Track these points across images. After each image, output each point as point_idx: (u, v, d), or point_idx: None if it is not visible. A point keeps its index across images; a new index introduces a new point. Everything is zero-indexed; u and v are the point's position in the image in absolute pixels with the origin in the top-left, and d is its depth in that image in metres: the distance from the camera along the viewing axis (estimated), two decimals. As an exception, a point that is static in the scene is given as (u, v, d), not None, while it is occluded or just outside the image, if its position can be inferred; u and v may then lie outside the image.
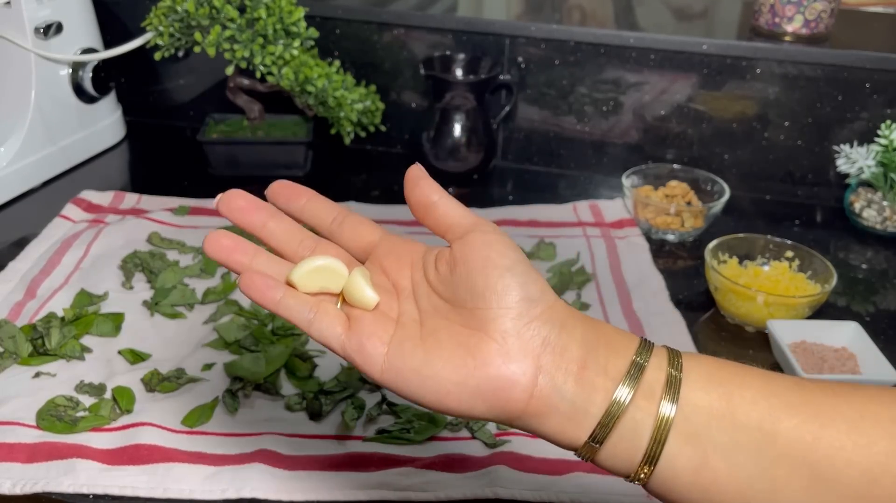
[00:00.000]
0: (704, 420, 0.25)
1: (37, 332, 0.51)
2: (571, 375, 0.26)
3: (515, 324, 0.25)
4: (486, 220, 0.28)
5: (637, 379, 0.25)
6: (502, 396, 0.25)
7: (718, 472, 0.25)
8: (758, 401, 0.25)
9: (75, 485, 0.41)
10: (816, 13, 0.72)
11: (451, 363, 0.26)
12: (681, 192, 0.70)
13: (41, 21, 0.72)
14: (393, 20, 0.79)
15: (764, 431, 0.24)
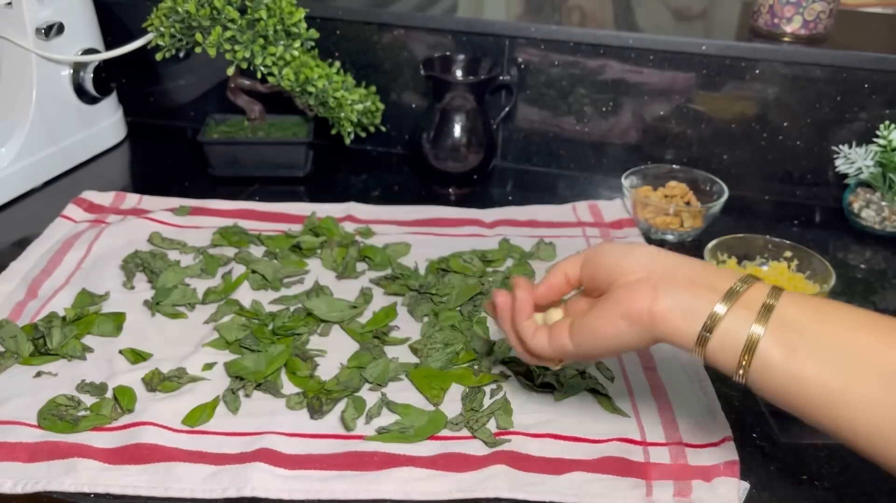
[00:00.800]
0: (793, 327, 0.32)
1: (38, 332, 0.52)
2: (683, 289, 0.34)
3: (633, 276, 0.36)
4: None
5: (739, 293, 0.33)
6: (634, 310, 0.34)
7: (805, 366, 0.31)
8: (839, 320, 0.32)
9: (77, 485, 0.41)
10: (815, 14, 0.73)
11: (599, 312, 0.36)
12: (680, 193, 0.71)
13: (42, 22, 0.72)
14: (393, 21, 0.79)
15: (845, 339, 0.32)
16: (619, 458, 0.44)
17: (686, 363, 0.52)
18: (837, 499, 0.43)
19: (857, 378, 0.31)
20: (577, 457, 0.44)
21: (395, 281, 0.60)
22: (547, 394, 0.49)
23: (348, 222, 0.69)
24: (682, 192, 0.70)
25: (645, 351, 0.53)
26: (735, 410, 0.49)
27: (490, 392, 0.49)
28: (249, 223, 0.68)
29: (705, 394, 0.49)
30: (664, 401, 0.48)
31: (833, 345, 0.31)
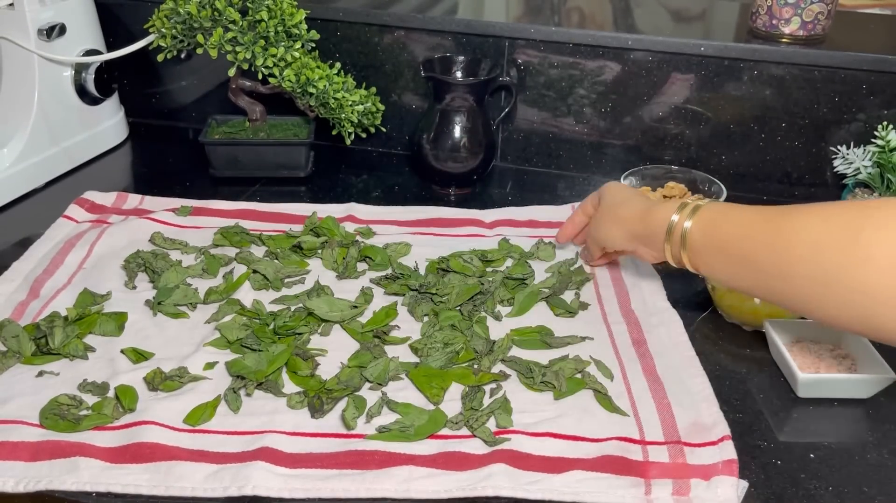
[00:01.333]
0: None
1: (40, 332, 0.52)
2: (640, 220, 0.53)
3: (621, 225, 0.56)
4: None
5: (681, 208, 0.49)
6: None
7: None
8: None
9: (78, 484, 0.41)
10: (813, 15, 0.73)
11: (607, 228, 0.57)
12: (679, 193, 0.71)
13: (44, 23, 0.73)
14: (393, 22, 0.79)
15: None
16: (618, 457, 0.44)
17: (685, 363, 0.52)
18: (836, 498, 0.43)
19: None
20: (576, 456, 0.44)
21: (395, 281, 0.60)
22: (546, 392, 0.49)
23: (349, 222, 0.69)
24: (680, 192, 0.71)
25: (644, 351, 0.54)
26: (733, 409, 0.49)
27: (490, 391, 0.49)
28: (250, 223, 0.68)
29: (704, 393, 0.49)
30: (663, 401, 0.49)
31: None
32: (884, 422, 0.48)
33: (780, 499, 0.43)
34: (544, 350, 0.53)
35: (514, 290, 0.60)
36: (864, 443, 0.47)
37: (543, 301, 0.59)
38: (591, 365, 0.52)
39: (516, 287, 0.60)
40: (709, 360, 0.53)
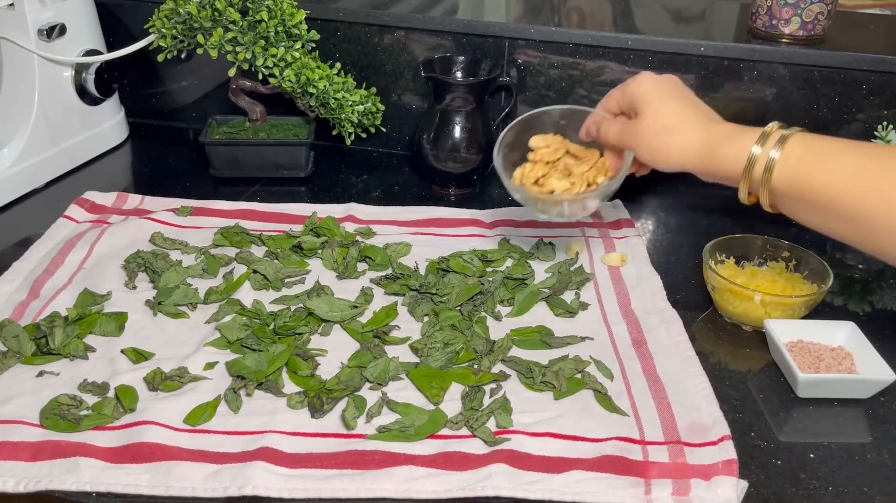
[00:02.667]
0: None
1: (40, 332, 0.52)
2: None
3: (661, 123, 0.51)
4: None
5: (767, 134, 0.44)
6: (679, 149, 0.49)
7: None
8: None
9: (78, 484, 0.41)
10: (813, 15, 0.73)
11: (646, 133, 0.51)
12: (551, 151, 0.57)
13: (44, 23, 0.73)
14: (393, 23, 0.79)
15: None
16: (618, 457, 0.44)
17: (685, 363, 0.52)
18: (835, 498, 0.43)
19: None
20: (576, 456, 0.44)
21: (395, 281, 0.60)
22: (546, 392, 0.49)
23: (349, 222, 0.69)
24: (552, 150, 0.57)
25: (644, 351, 0.54)
26: (733, 409, 0.49)
27: (490, 391, 0.49)
28: (251, 223, 0.68)
29: (704, 393, 0.49)
30: (663, 401, 0.49)
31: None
32: (884, 423, 0.48)
33: (779, 499, 0.43)
34: (544, 350, 0.53)
35: (514, 290, 0.60)
36: (864, 444, 0.47)
37: (543, 301, 0.59)
38: (591, 365, 0.52)
39: (516, 287, 0.60)
40: (709, 360, 0.53)
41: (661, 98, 0.48)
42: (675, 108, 0.47)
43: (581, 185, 0.54)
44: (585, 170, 0.55)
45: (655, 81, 0.49)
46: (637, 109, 0.49)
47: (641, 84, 0.49)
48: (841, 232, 0.41)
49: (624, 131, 0.50)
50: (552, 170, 0.56)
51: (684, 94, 0.49)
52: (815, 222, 0.42)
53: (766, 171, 0.42)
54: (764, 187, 0.43)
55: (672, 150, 0.47)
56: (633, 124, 0.49)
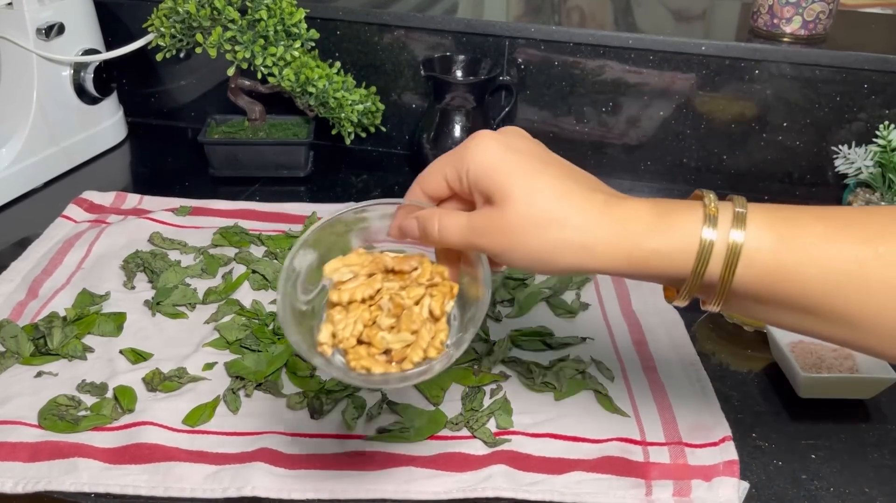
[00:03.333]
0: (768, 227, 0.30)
1: (39, 332, 0.52)
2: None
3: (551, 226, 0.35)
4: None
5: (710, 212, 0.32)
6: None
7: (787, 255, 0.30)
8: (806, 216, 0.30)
9: (77, 484, 0.41)
10: (815, 14, 0.73)
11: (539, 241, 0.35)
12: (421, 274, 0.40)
13: (43, 22, 0.72)
14: (393, 22, 0.79)
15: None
16: (619, 458, 0.44)
17: (686, 363, 0.52)
18: (837, 499, 0.43)
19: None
20: (576, 457, 0.44)
21: (395, 281, 0.60)
22: (547, 393, 0.49)
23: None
24: (429, 275, 0.37)
25: (645, 351, 0.53)
26: (735, 410, 0.49)
27: (490, 392, 0.49)
28: (250, 223, 0.68)
29: (705, 393, 0.49)
30: (664, 401, 0.48)
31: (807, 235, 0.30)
32: (885, 423, 0.48)
33: (781, 499, 0.43)
34: (545, 351, 0.53)
35: (515, 291, 0.59)
36: (866, 444, 0.47)
37: (544, 301, 0.59)
38: (592, 365, 0.51)
39: (516, 287, 0.60)
40: (710, 361, 0.53)
41: (525, 174, 0.32)
42: (551, 186, 0.32)
43: (429, 332, 0.34)
44: (420, 294, 0.35)
45: (506, 149, 0.33)
46: (489, 195, 0.32)
47: (486, 155, 0.33)
48: (820, 332, 0.31)
49: (475, 229, 0.33)
50: (375, 311, 0.35)
51: (548, 157, 0.33)
52: (783, 322, 0.32)
53: (727, 268, 0.30)
54: (720, 289, 0.30)
55: (564, 250, 0.31)
56: (490, 217, 0.32)
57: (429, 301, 0.35)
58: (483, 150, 0.33)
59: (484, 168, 0.33)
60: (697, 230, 0.30)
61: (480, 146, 0.33)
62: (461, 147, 0.34)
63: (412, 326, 0.34)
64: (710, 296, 0.31)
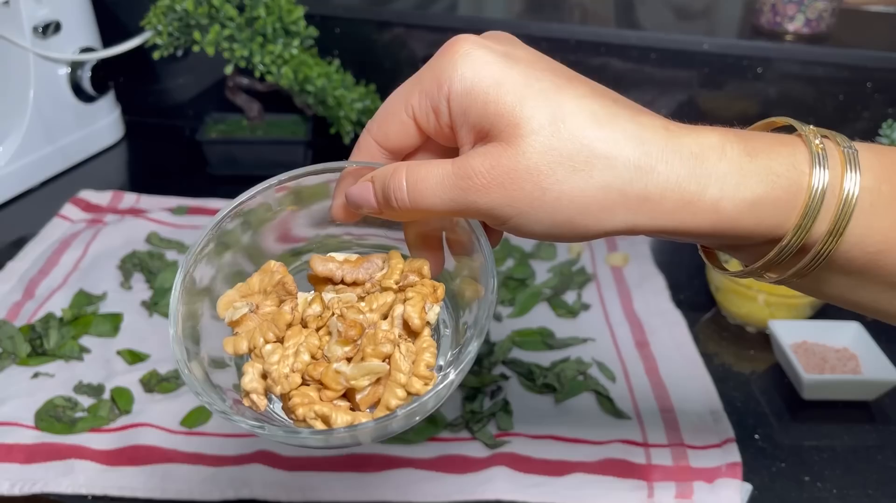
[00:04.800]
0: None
1: (35, 333, 0.51)
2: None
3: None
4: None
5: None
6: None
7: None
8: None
9: (74, 486, 0.41)
10: (818, 12, 0.72)
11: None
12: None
13: (40, 20, 0.72)
14: (393, 19, 0.78)
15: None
16: (621, 460, 0.43)
17: (688, 364, 0.52)
18: (840, 501, 0.42)
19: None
20: (577, 459, 0.43)
21: (394, 281, 0.59)
22: (547, 395, 0.49)
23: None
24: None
25: (647, 352, 0.53)
26: (737, 411, 0.48)
27: (490, 393, 0.49)
28: (248, 222, 0.68)
29: (707, 395, 0.49)
30: (666, 403, 0.48)
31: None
32: (889, 424, 0.48)
33: (784, 501, 0.42)
34: (545, 351, 0.53)
35: (515, 291, 0.59)
36: (870, 446, 0.46)
37: (545, 302, 0.58)
38: (593, 366, 0.51)
39: (517, 288, 0.59)
40: (712, 362, 0.53)
41: (542, 92, 0.22)
42: (585, 107, 0.22)
43: (406, 356, 0.24)
44: (387, 303, 0.25)
45: (504, 57, 0.23)
46: (487, 127, 0.22)
47: (477, 68, 0.22)
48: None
49: (468, 180, 0.22)
50: (325, 337, 0.25)
51: (564, 69, 0.24)
52: (875, 301, 0.24)
53: (836, 226, 0.22)
54: (818, 254, 0.22)
55: (615, 203, 0.22)
56: (493, 159, 0.22)
57: (401, 310, 0.24)
58: (471, 61, 0.22)
59: (477, 88, 0.22)
60: (804, 176, 0.22)
61: (466, 57, 0.22)
62: (432, 63, 0.23)
63: (381, 349, 0.23)
64: (792, 265, 0.23)
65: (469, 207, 0.23)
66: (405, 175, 0.23)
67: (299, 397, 0.24)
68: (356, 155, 0.26)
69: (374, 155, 0.25)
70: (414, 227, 0.27)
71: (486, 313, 0.24)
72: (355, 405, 0.24)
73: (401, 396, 0.23)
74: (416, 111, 0.24)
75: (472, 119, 0.22)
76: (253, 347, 0.25)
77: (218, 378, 0.25)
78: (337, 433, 0.22)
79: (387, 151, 0.25)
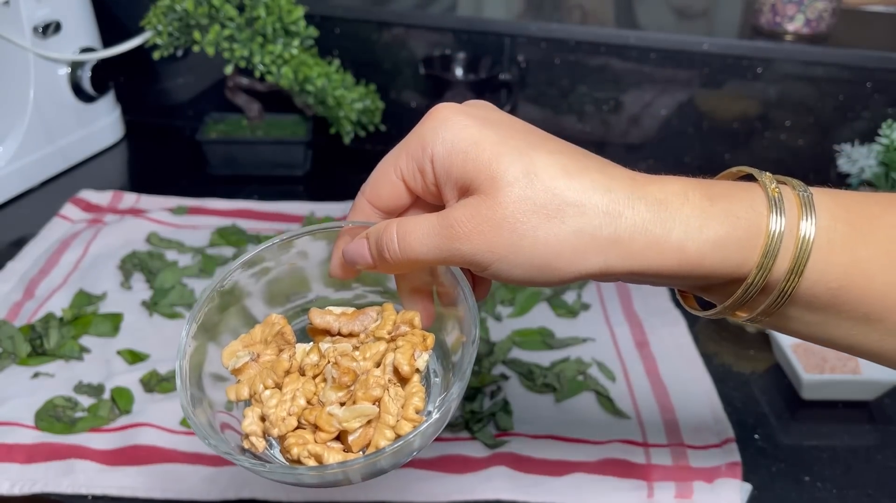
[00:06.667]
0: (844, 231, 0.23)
1: (35, 333, 0.51)
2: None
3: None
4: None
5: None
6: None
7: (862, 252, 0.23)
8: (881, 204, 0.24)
9: (74, 486, 0.41)
10: (817, 12, 0.72)
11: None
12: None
13: (40, 20, 0.72)
14: (393, 19, 0.78)
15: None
16: (620, 460, 0.43)
17: (688, 364, 0.52)
18: (840, 501, 0.42)
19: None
20: (577, 459, 0.43)
21: (394, 281, 0.59)
22: (547, 395, 0.49)
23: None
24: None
25: (647, 352, 0.53)
26: (737, 412, 0.48)
27: (490, 393, 0.49)
28: (248, 223, 0.68)
29: (707, 395, 0.49)
30: (666, 403, 0.48)
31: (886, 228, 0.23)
32: (889, 424, 0.48)
33: (783, 502, 0.42)
34: (545, 351, 0.53)
35: (515, 291, 0.59)
36: (869, 446, 0.46)
37: (545, 301, 0.58)
38: (593, 366, 0.51)
39: (517, 287, 0.60)
40: (712, 362, 0.53)
41: (517, 150, 0.24)
42: (556, 162, 0.24)
43: (396, 400, 0.25)
44: (379, 353, 0.26)
45: (481, 122, 0.25)
46: (468, 182, 0.24)
47: (456, 132, 0.25)
48: (882, 346, 0.25)
49: (452, 228, 0.24)
50: (321, 384, 0.27)
51: (536, 130, 0.26)
52: (835, 335, 0.25)
53: (795, 267, 0.23)
54: (780, 294, 0.24)
55: (587, 247, 0.23)
56: (473, 208, 0.24)
57: (392, 357, 0.26)
58: (451, 126, 0.25)
59: (457, 148, 0.24)
60: (762, 217, 0.23)
61: (446, 123, 0.25)
62: (416, 130, 0.25)
63: (372, 393, 0.25)
64: (759, 304, 0.24)
65: (454, 254, 0.24)
66: (395, 229, 0.26)
67: (295, 438, 0.25)
68: (352, 215, 0.28)
69: (369, 215, 0.28)
70: (406, 282, 0.29)
71: (469, 359, 0.25)
72: (348, 447, 0.26)
73: (390, 437, 0.25)
74: (404, 173, 0.26)
75: (454, 176, 0.25)
76: (253, 393, 0.27)
77: (219, 421, 0.27)
78: (329, 469, 0.24)
79: (380, 211, 0.27)
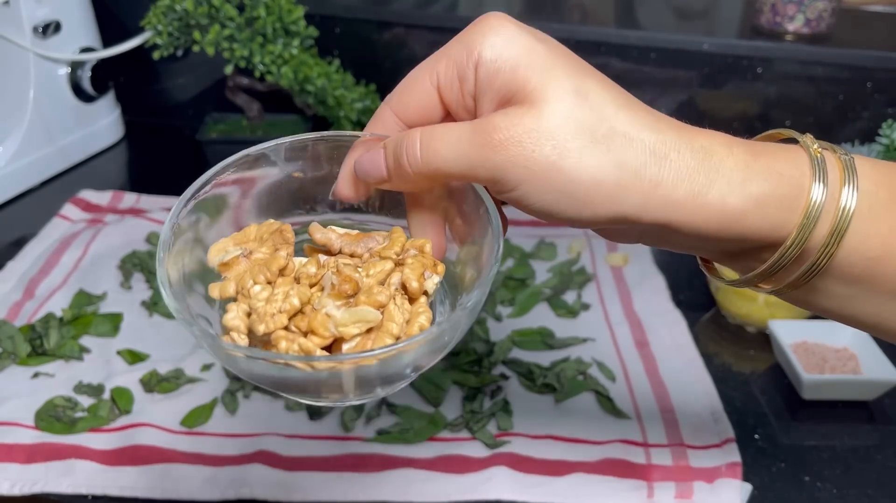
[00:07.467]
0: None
1: (35, 333, 0.51)
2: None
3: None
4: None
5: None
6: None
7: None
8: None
9: (74, 486, 0.41)
10: (818, 12, 0.72)
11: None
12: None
13: (40, 20, 0.72)
14: (393, 19, 0.78)
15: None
16: (621, 460, 0.43)
17: (688, 364, 0.52)
18: (840, 501, 0.42)
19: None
20: (577, 459, 0.43)
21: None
22: (547, 395, 0.49)
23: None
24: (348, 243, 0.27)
25: (647, 352, 0.53)
26: (737, 411, 0.48)
27: (490, 393, 0.49)
28: (248, 222, 0.68)
29: (707, 395, 0.49)
30: (666, 403, 0.48)
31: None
32: (889, 424, 0.48)
33: (784, 501, 0.42)
34: (545, 351, 0.53)
35: (515, 291, 0.59)
36: (869, 446, 0.46)
37: (545, 301, 0.58)
38: (593, 366, 0.51)
39: (517, 287, 0.59)
40: (712, 362, 0.53)
41: (569, 70, 0.22)
42: (607, 90, 0.23)
43: (401, 312, 0.23)
44: (385, 271, 0.24)
45: (533, 36, 0.23)
46: (512, 93, 0.22)
47: (507, 40, 0.23)
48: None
49: (487, 138, 0.22)
50: (312, 294, 0.24)
51: (584, 62, 0.24)
52: (866, 312, 0.24)
53: (835, 234, 0.22)
54: (816, 263, 0.23)
55: (629, 183, 0.22)
56: (515, 118, 0.22)
57: (398, 277, 0.23)
58: (502, 32, 0.23)
59: (506, 55, 0.22)
60: (805, 177, 0.22)
61: (497, 29, 0.23)
62: (461, 36, 0.23)
63: (377, 299, 0.22)
64: (790, 273, 0.23)
65: (484, 164, 0.22)
66: (420, 134, 0.23)
67: (284, 333, 0.22)
68: (372, 126, 0.25)
69: (391, 127, 0.25)
70: (417, 209, 0.26)
71: (490, 273, 0.23)
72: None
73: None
74: (440, 79, 0.24)
75: (496, 85, 0.23)
76: (241, 288, 0.23)
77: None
78: (320, 361, 0.21)
79: (404, 124, 0.25)
